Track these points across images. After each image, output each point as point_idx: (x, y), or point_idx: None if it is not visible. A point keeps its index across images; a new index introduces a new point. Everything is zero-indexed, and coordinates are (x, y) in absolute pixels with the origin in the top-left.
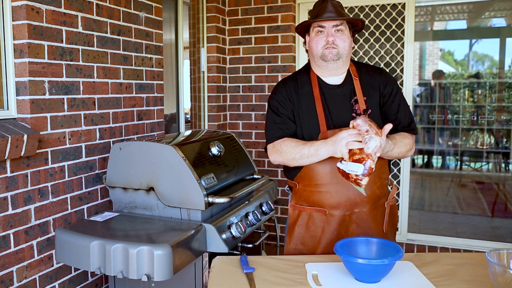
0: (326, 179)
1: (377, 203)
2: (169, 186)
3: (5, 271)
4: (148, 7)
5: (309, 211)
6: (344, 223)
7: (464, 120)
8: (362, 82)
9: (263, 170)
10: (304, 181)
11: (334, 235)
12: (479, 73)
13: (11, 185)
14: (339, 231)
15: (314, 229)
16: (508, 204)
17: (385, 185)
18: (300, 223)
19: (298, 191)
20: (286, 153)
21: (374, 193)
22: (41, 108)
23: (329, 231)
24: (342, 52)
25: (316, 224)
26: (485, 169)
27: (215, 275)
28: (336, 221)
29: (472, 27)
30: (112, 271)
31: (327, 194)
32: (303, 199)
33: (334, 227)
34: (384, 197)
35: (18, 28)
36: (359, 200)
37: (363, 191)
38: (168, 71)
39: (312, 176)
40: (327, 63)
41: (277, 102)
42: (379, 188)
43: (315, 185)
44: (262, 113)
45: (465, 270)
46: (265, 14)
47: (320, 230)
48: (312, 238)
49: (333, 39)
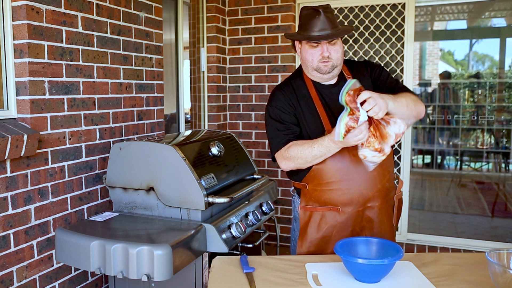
0: (337, 177)
1: (387, 197)
2: (169, 186)
3: (5, 271)
4: (148, 7)
5: (321, 211)
6: (357, 220)
7: (464, 120)
8: (355, 78)
9: (263, 170)
10: (314, 181)
11: (348, 232)
12: (479, 73)
13: (11, 185)
14: (353, 228)
15: (326, 229)
16: (508, 204)
17: (393, 179)
18: (312, 224)
19: (308, 191)
20: (296, 158)
21: (385, 186)
22: (41, 108)
23: (343, 230)
24: (336, 63)
25: (329, 223)
26: (485, 169)
27: (215, 275)
28: (349, 218)
29: (472, 27)
30: (112, 271)
31: (339, 191)
32: (314, 199)
33: (348, 224)
34: (393, 190)
35: (18, 28)
36: (371, 195)
37: (371, 165)
38: (168, 71)
39: (322, 175)
40: (322, 74)
41: (278, 109)
42: (388, 181)
43: (326, 183)
44: (262, 113)
45: (465, 270)
46: (265, 14)
47: (333, 230)
48: (325, 239)
49: (328, 54)
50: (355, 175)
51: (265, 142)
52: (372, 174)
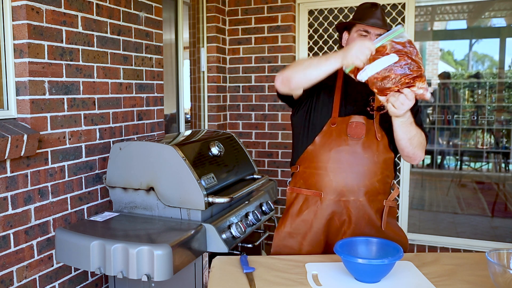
0: (327, 162)
1: (374, 197)
2: (169, 186)
3: (5, 271)
4: (148, 7)
5: (305, 194)
6: (338, 210)
7: (464, 120)
8: None
9: (263, 170)
10: (305, 163)
11: (326, 220)
12: (479, 73)
13: (11, 185)
14: (332, 217)
15: (307, 213)
16: (508, 204)
17: (387, 183)
18: (295, 206)
19: (298, 173)
20: (293, 66)
21: (373, 185)
22: (41, 108)
23: (322, 216)
24: None
25: (310, 208)
26: (485, 169)
27: (215, 275)
28: (330, 206)
29: (472, 27)
30: (112, 271)
31: (326, 177)
32: (302, 181)
33: (327, 212)
34: (383, 194)
35: (18, 28)
36: (356, 188)
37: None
38: (168, 71)
39: (314, 157)
40: None
41: None
42: (379, 181)
43: (316, 166)
44: (262, 113)
45: (465, 270)
46: (265, 14)
47: (312, 215)
48: (304, 223)
49: None
50: (345, 164)
51: (265, 142)
52: (363, 169)
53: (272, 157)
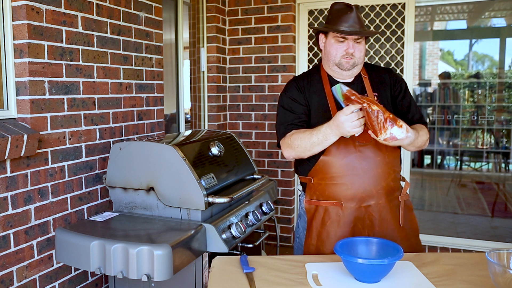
0: (341, 171)
1: (391, 196)
2: (169, 186)
3: (5, 271)
4: (148, 7)
5: (325, 206)
6: (360, 216)
7: (464, 120)
8: (372, 80)
9: (263, 170)
10: (319, 175)
11: (350, 228)
12: (479, 73)
13: (11, 185)
14: (355, 224)
15: (330, 224)
16: (508, 204)
17: (398, 179)
18: (317, 218)
19: (313, 185)
20: (297, 146)
21: (389, 185)
22: (41, 108)
23: (345, 225)
24: (358, 62)
25: (332, 218)
26: (485, 169)
27: (215, 275)
28: (352, 214)
29: (472, 27)
30: (112, 271)
31: (343, 186)
32: (319, 193)
33: (350, 219)
34: (398, 190)
35: (18, 28)
36: (374, 192)
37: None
38: (168, 71)
39: (327, 169)
40: (342, 71)
41: (290, 99)
42: (393, 180)
43: (331, 177)
44: (262, 113)
45: (465, 270)
46: (265, 14)
47: (336, 225)
48: (328, 234)
49: (353, 51)
50: (360, 171)
51: (265, 142)
52: (377, 172)
53: (272, 157)
